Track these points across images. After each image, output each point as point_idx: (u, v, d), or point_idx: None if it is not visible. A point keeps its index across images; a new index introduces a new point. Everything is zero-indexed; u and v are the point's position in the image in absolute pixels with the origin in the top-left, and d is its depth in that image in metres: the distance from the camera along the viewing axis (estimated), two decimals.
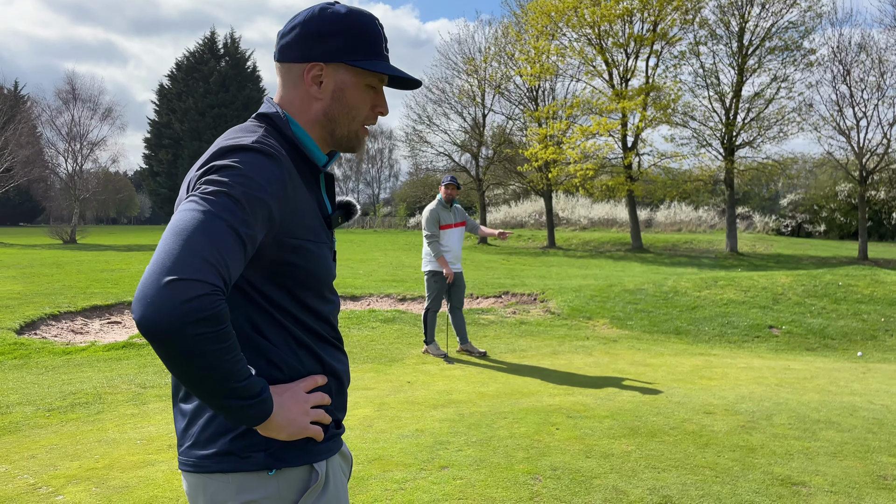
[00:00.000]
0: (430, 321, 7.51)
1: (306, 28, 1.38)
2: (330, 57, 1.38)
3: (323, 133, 1.44)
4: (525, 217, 42.64)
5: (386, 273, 16.24)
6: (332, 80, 1.40)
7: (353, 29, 1.39)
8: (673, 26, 26.27)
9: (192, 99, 67.22)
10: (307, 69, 1.39)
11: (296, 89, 1.41)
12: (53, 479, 3.83)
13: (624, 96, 26.28)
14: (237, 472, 1.29)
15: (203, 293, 1.09)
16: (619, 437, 4.57)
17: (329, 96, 1.40)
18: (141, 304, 1.09)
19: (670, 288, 11.56)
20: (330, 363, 1.42)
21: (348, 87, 1.41)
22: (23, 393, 5.83)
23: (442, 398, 5.64)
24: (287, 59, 1.40)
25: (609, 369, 6.90)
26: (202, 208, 1.17)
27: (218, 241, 1.15)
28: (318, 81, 1.40)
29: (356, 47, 1.39)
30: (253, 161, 1.25)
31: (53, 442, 4.55)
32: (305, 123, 1.42)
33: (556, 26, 27.84)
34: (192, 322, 1.08)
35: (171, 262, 1.10)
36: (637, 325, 9.49)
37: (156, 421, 4.99)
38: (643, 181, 28.46)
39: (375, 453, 4.22)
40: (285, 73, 1.42)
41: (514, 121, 34.10)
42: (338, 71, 1.40)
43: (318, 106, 1.41)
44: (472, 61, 32.39)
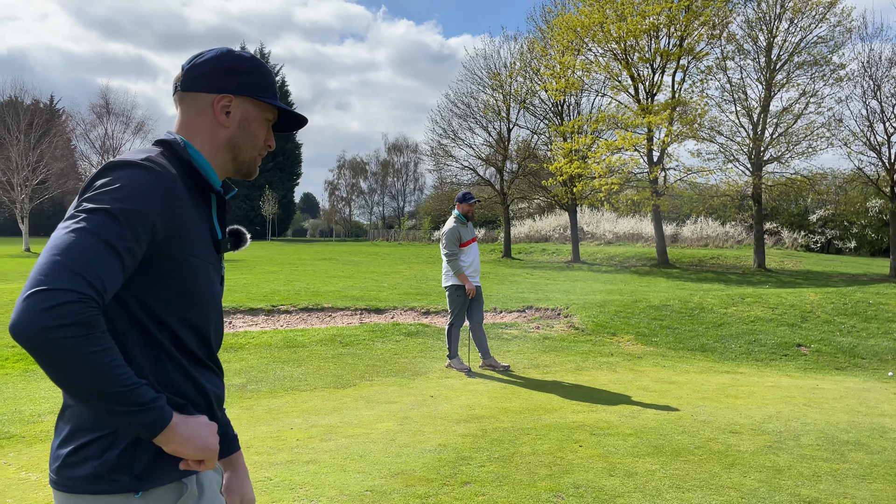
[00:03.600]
0: (454, 336, 7.54)
1: (219, 63, 1.52)
2: (239, 90, 1.52)
3: (226, 158, 1.55)
4: (549, 231, 42.50)
5: (410, 286, 16.30)
6: (240, 111, 1.53)
7: (258, 70, 1.56)
8: (700, 41, 26.14)
9: None
10: (217, 99, 1.51)
11: (201, 117, 1.52)
12: None
13: (650, 111, 26.17)
14: (103, 494, 1.32)
15: (66, 300, 1.14)
16: (643, 455, 4.54)
17: (236, 125, 1.53)
18: (12, 314, 1.15)
19: (696, 304, 11.45)
20: (203, 384, 1.45)
21: (252, 119, 1.55)
22: (54, 402, 5.96)
23: (465, 413, 5.65)
24: (196, 90, 1.51)
25: (633, 386, 6.85)
26: (76, 226, 1.22)
27: (89, 253, 1.19)
28: (226, 111, 1.52)
29: (260, 86, 1.55)
30: (132, 176, 1.31)
31: None
32: (210, 149, 1.52)
33: (582, 42, 27.86)
34: (53, 327, 1.12)
35: (37, 276, 1.15)
36: (662, 342, 9.42)
37: None
38: (669, 196, 28.24)
39: (398, 467, 4.24)
40: (190, 102, 1.52)
41: (538, 135, 34.13)
42: (244, 103, 1.54)
43: (224, 133, 1.53)
44: (497, 76, 32.51)
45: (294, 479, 4.02)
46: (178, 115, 1.54)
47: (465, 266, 7.53)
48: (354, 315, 11.90)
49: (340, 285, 16.38)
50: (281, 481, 3.97)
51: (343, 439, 4.85)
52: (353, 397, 6.22)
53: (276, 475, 4.07)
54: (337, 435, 4.97)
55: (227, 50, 1.55)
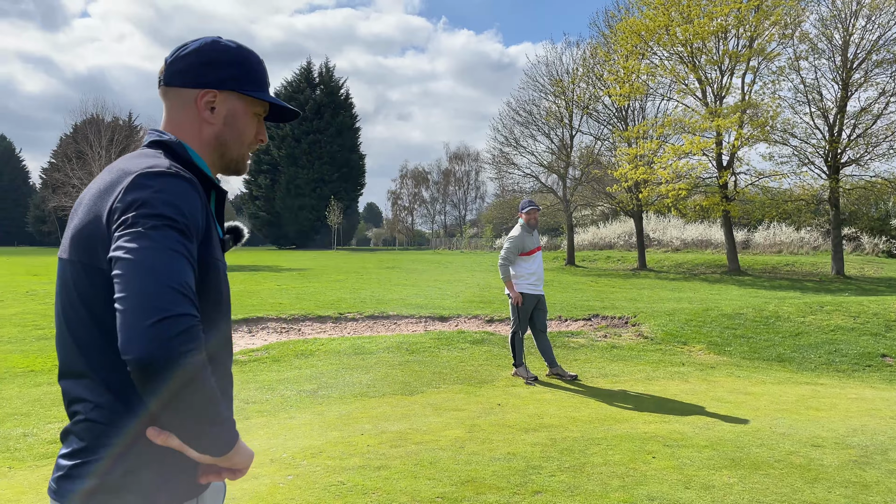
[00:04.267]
0: (518, 344, 7.50)
1: (201, 57, 1.44)
2: (223, 85, 1.45)
3: (213, 156, 1.48)
4: (614, 238, 41.81)
5: (473, 294, 16.31)
6: (225, 107, 1.46)
7: (244, 62, 1.48)
8: (771, 41, 25.30)
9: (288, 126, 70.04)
10: (200, 95, 1.44)
11: (186, 113, 1.45)
12: None
13: (718, 114, 25.46)
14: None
15: (190, 325, 1.15)
16: (720, 468, 4.41)
17: (221, 121, 1.46)
18: (136, 347, 1.12)
19: (772, 313, 11.05)
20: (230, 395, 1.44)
21: (239, 114, 1.48)
22: None
23: (533, 422, 5.61)
24: (178, 84, 1.44)
25: (707, 397, 6.66)
26: (155, 245, 1.19)
27: (180, 272, 1.19)
28: (210, 107, 1.45)
29: (246, 78, 1.47)
30: (172, 185, 1.27)
31: None
32: (198, 146, 1.45)
33: (647, 45, 27.38)
34: (186, 352, 1.13)
35: (153, 302, 1.14)
36: (736, 352, 9.12)
37: (258, 435, 5.21)
38: (740, 201, 27.37)
39: (468, 475, 4.25)
40: (174, 98, 1.45)
41: (602, 141, 33.69)
42: (229, 98, 1.46)
43: (210, 130, 1.46)
44: (559, 82, 32.28)
45: (366, 483, 4.07)
46: (164, 111, 1.47)
47: (530, 274, 7.53)
48: (419, 323, 11.98)
49: (404, 293, 16.54)
50: (353, 486, 4.04)
51: (413, 446, 4.89)
52: (420, 404, 6.26)
53: (348, 480, 4.14)
54: (406, 441, 5.01)
55: (211, 40, 1.46)
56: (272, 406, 6.19)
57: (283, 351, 8.70)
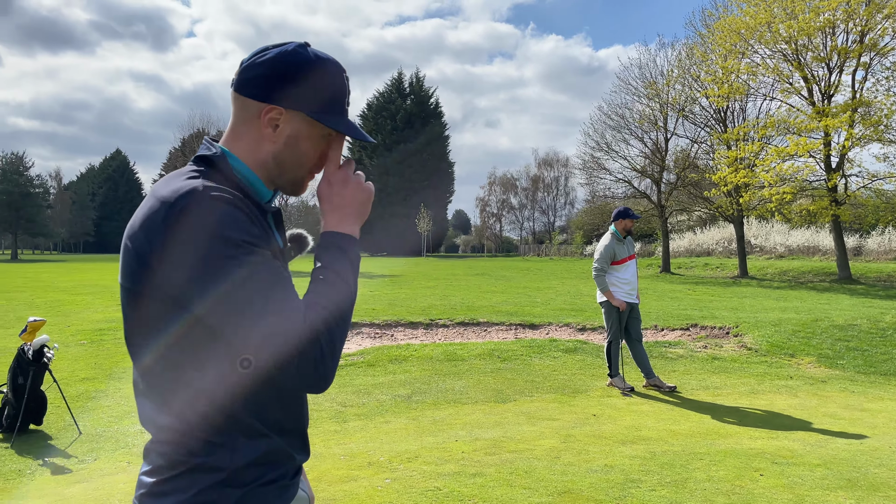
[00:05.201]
0: (614, 353, 7.33)
1: (274, 68, 1.31)
2: (291, 104, 1.32)
3: (269, 175, 1.37)
4: (712, 244, 40.24)
5: (564, 302, 16.09)
6: (289, 127, 1.33)
7: (319, 80, 1.33)
8: (884, 35, 23.71)
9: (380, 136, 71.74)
10: (265, 110, 1.32)
11: (248, 126, 1.34)
12: None
13: (826, 113, 24.07)
14: None
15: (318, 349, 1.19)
16: (835, 488, 4.15)
17: (282, 142, 1.34)
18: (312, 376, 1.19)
19: (889, 324, 10.30)
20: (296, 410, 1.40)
21: (303, 137, 1.34)
22: None
23: (630, 434, 5.46)
24: (246, 94, 1.33)
25: (818, 413, 6.29)
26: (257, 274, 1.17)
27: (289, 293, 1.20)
28: (273, 125, 1.32)
29: (320, 99, 1.33)
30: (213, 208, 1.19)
31: None
32: (253, 162, 1.35)
33: (747, 44, 26.26)
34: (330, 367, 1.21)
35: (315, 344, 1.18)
36: (849, 365, 8.56)
37: (356, 438, 5.33)
38: (851, 205, 25.74)
39: (564, 486, 4.19)
40: (241, 107, 1.34)
41: (699, 144, 32.54)
42: (295, 119, 1.33)
43: (268, 148, 1.34)
44: (653, 85, 31.46)
45: (462, 490, 4.09)
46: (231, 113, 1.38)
47: (623, 283, 7.36)
48: (509, 330, 11.94)
49: (494, 300, 16.52)
50: (450, 492, 4.06)
51: (507, 454, 4.87)
52: (514, 412, 6.23)
53: (444, 485, 4.16)
54: (501, 449, 4.99)
55: (290, 49, 1.33)
56: (368, 410, 6.31)
57: (378, 356, 8.88)
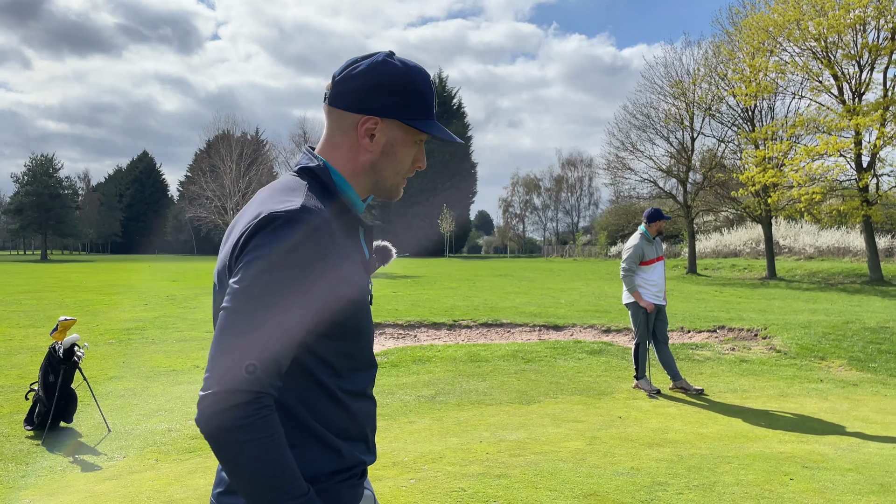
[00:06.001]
0: (642, 355, 7.27)
1: (367, 80, 1.38)
2: (387, 113, 1.38)
3: (367, 183, 1.43)
4: (739, 245, 39.70)
5: (588, 303, 15.99)
6: (385, 135, 1.40)
7: (410, 87, 1.40)
8: None
9: None
10: (362, 121, 1.38)
11: (345, 137, 1.40)
12: None
13: (857, 112, 23.63)
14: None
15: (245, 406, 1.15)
16: (867, 493, 4.07)
17: (379, 150, 1.40)
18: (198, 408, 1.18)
19: None
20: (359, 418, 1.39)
21: (399, 144, 1.41)
22: None
23: (657, 437, 5.41)
24: (341, 107, 1.40)
25: (849, 417, 6.17)
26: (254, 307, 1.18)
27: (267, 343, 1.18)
28: (370, 134, 1.39)
29: (412, 106, 1.40)
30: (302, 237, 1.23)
31: None
32: (351, 172, 1.41)
33: (775, 41, 25.88)
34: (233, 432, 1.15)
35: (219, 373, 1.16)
36: (882, 368, 8.39)
37: (381, 439, 5.34)
38: (883, 205, 25.24)
39: (590, 488, 4.15)
40: (336, 119, 1.41)
41: (726, 143, 32.12)
42: (391, 126, 1.40)
43: (366, 157, 1.41)
44: (679, 84, 31.13)
45: (487, 491, 4.07)
46: (325, 127, 1.45)
47: (651, 284, 7.30)
48: (533, 331, 11.89)
49: (517, 301, 16.46)
50: (475, 493, 4.05)
51: (532, 455, 4.85)
52: (538, 414, 6.20)
53: (469, 486, 4.15)
54: (525, 451, 4.97)
55: (380, 60, 1.40)
56: (392, 410, 6.32)
57: (401, 356, 8.89)
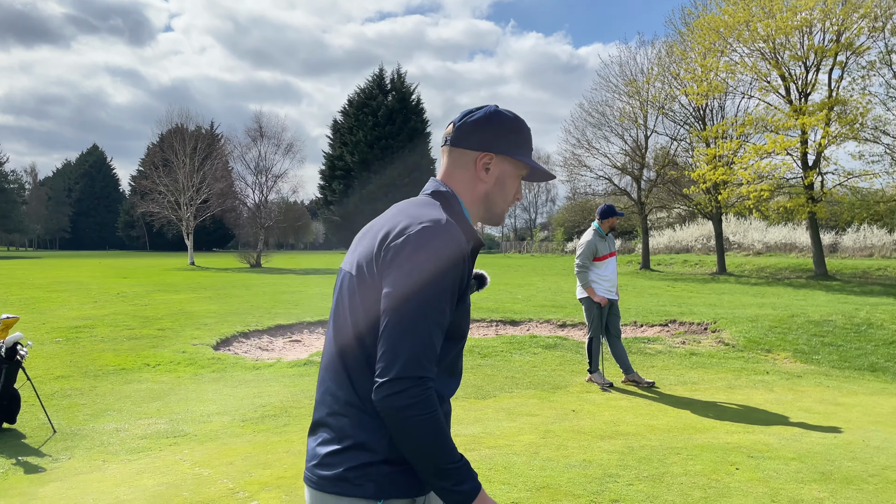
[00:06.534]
0: (595, 349, 7.38)
1: (486, 125, 1.64)
2: (500, 150, 1.64)
3: (480, 210, 1.69)
4: (691, 241, 40.59)
5: (545, 298, 16.15)
6: (498, 169, 1.65)
7: (518, 130, 1.67)
8: (860, 35, 24.04)
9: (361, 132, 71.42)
10: (480, 157, 1.64)
11: (465, 171, 1.65)
12: (249, 486, 4.21)
13: (803, 112, 24.37)
14: (350, 496, 1.46)
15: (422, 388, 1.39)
16: (809, 482, 4.21)
17: (493, 182, 1.66)
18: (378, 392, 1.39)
19: (863, 320, 10.47)
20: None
21: (508, 177, 1.67)
22: (220, 404, 6.46)
23: (609, 429, 5.50)
24: (463, 146, 1.65)
25: (793, 407, 6.37)
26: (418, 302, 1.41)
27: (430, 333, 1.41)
28: (486, 168, 1.65)
29: (519, 145, 1.67)
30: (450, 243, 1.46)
31: (247, 451, 4.99)
32: (468, 201, 1.66)
33: (726, 42, 26.49)
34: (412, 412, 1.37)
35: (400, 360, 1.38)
36: (825, 360, 8.69)
37: None
38: (827, 202, 26.09)
39: (543, 481, 4.21)
40: (457, 157, 1.65)
41: (678, 142, 32.78)
42: (503, 162, 1.66)
43: (482, 188, 1.66)
44: (633, 83, 31.63)
45: None
46: (443, 164, 1.70)
47: (604, 280, 7.40)
48: (490, 326, 11.96)
49: (475, 297, 16.52)
50: None
51: (486, 450, 4.88)
52: (493, 408, 6.24)
53: None
54: (480, 445, 5.00)
55: (493, 110, 1.66)
56: None
57: None
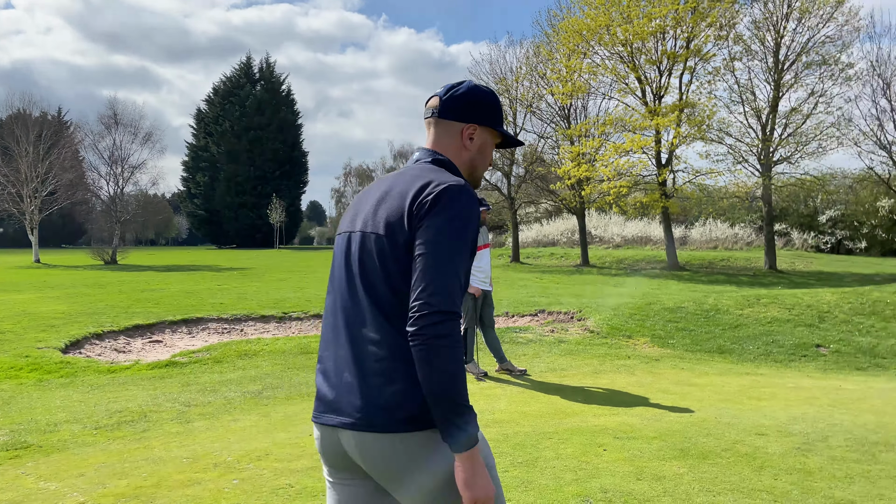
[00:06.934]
0: (469, 340, 7.46)
1: (470, 98, 1.87)
2: (482, 121, 1.88)
3: (465, 174, 1.91)
4: (557, 235, 42.35)
5: None
6: (480, 138, 1.90)
7: (496, 104, 1.93)
8: (707, 42, 26.04)
9: (228, 122, 68.51)
10: (465, 128, 1.87)
11: (452, 140, 1.88)
12: (103, 498, 3.85)
13: (658, 113, 26.07)
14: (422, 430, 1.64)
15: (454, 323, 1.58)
16: (670, 458, 4.45)
17: (476, 149, 1.90)
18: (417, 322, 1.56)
19: (711, 306, 11.34)
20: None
21: (487, 145, 1.92)
22: (70, 411, 5.91)
23: (484, 417, 5.56)
24: (450, 118, 1.87)
25: (653, 389, 6.76)
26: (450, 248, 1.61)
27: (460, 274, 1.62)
28: (470, 137, 1.88)
29: (496, 116, 1.92)
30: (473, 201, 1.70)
31: (101, 460, 4.59)
32: (457, 166, 1.88)
33: (588, 45, 27.80)
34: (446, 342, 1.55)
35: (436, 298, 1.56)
36: (679, 344, 9.31)
37: (201, 439, 5.00)
38: (678, 198, 28.09)
39: None
40: (445, 128, 1.87)
41: (546, 139, 34.05)
42: (484, 132, 1.90)
43: (466, 155, 1.90)
44: (503, 81, 32.47)
45: (316, 486, 3.94)
46: (430, 135, 1.89)
47: (478, 271, 7.51)
48: None
49: None
50: (302, 488, 3.90)
51: None
52: None
53: (297, 482, 4.00)
54: None
55: (473, 85, 1.90)
56: (214, 409, 5.96)
57: (225, 352, 8.44)
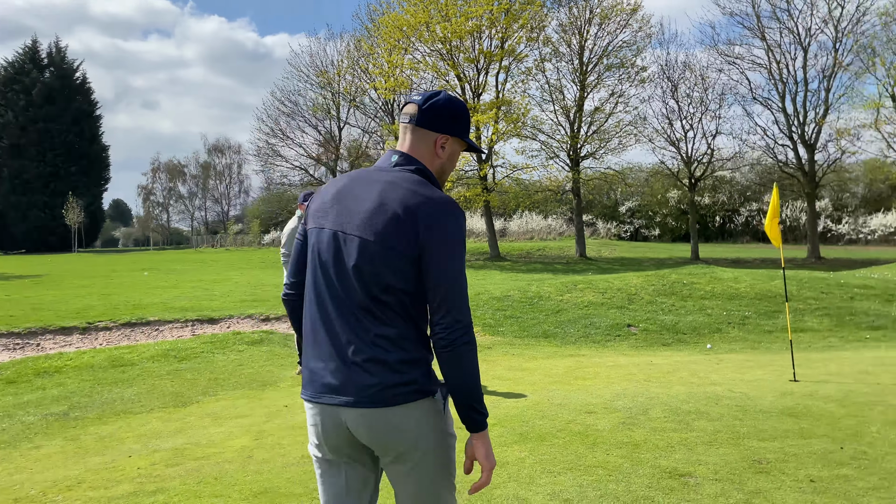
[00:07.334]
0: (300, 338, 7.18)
1: (446, 111, 2.02)
2: (455, 132, 2.04)
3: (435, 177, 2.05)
4: None
5: (244, 293, 15.47)
6: (450, 148, 2.05)
7: (465, 115, 2.07)
8: (519, 43, 27.42)
9: (12, 113, 61.01)
10: (439, 138, 2.02)
11: (427, 148, 2.02)
12: None
13: (477, 110, 27.02)
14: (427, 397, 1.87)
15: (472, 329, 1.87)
16: (511, 443, 4.55)
17: (446, 158, 2.05)
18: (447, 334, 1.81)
19: (534, 293, 11.91)
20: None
21: (456, 153, 2.08)
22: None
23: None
24: (427, 127, 2.00)
25: (488, 376, 6.92)
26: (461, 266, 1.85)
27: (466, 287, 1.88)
28: (442, 146, 2.03)
29: (466, 127, 2.08)
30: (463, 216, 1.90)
31: None
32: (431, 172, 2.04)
33: (409, 41, 28.13)
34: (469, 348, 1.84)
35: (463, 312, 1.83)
36: (508, 331, 9.67)
37: None
38: (498, 192, 29.36)
39: (260, 486, 3.89)
40: (421, 136, 2.01)
41: (370, 134, 34.04)
42: (455, 142, 2.06)
43: (438, 162, 2.05)
44: (324, 74, 31.96)
45: None
46: (406, 140, 2.01)
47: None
48: (185, 327, 11.04)
49: (165, 296, 15.17)
50: None
51: (192, 462, 4.38)
52: (197, 415, 5.68)
53: None
54: (185, 458, 4.48)
55: (448, 97, 2.03)
56: (11, 436, 5.19)
57: (20, 370, 7.43)
